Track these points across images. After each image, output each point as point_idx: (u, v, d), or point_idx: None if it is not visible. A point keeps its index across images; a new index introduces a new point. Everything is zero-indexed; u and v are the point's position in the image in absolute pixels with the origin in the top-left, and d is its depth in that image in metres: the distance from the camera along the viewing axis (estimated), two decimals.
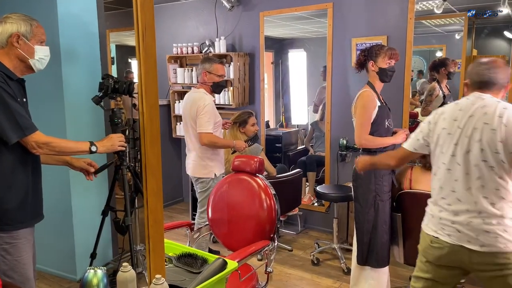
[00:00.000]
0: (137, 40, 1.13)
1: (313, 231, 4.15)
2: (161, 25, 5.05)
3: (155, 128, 1.17)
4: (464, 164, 1.68)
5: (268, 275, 2.12)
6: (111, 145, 2.10)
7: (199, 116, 2.98)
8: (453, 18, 3.88)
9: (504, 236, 1.62)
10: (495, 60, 1.76)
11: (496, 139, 1.61)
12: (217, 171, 3.12)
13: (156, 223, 1.20)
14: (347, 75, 3.77)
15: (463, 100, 1.77)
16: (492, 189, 1.64)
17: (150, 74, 1.14)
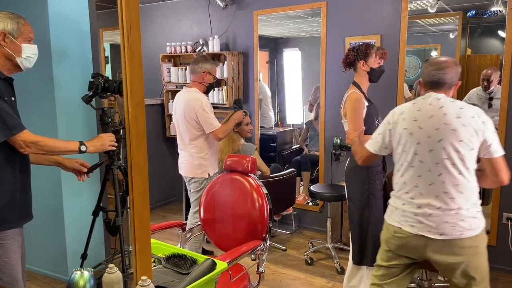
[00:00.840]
0: (122, 38, 1.11)
1: (307, 230, 4.14)
2: (154, 24, 5.02)
3: (140, 127, 1.15)
4: (426, 162, 1.79)
5: (260, 275, 2.11)
6: (101, 144, 2.08)
7: (204, 116, 2.98)
8: (448, 17, 3.88)
9: (461, 224, 1.76)
10: (444, 61, 1.87)
11: (457, 138, 1.73)
12: (211, 171, 3.11)
13: (142, 224, 1.18)
14: (341, 74, 3.75)
15: (419, 100, 1.88)
16: (452, 184, 1.76)
17: (135, 73, 1.12)
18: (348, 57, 2.69)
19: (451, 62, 1.86)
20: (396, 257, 1.95)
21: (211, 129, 3.00)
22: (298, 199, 4.22)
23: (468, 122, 1.73)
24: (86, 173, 2.20)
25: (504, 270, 3.10)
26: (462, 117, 1.74)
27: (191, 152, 3.09)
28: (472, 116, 1.75)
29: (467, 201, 1.77)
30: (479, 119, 1.75)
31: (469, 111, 1.76)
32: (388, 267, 1.98)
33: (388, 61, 3.51)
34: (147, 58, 5.12)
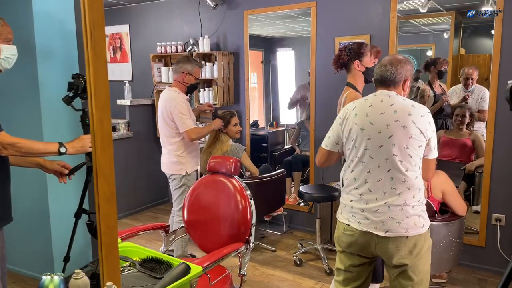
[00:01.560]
0: (85, 38, 1.08)
1: (298, 231, 4.12)
2: (145, 23, 5.00)
3: (106, 130, 1.12)
4: (376, 158, 1.81)
5: (242, 278, 2.09)
6: (82, 146, 2.06)
7: (178, 116, 3.05)
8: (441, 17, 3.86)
9: (406, 222, 1.78)
10: (390, 59, 1.91)
11: (407, 135, 1.76)
12: (189, 168, 3.17)
13: (109, 229, 1.16)
14: (331, 74, 3.73)
15: (371, 96, 1.91)
16: (400, 180, 1.78)
17: (100, 74, 1.09)
18: (340, 57, 2.63)
19: (397, 60, 1.89)
20: (350, 257, 1.95)
21: (184, 128, 3.07)
22: (289, 199, 4.21)
23: (418, 120, 1.76)
24: (67, 175, 2.18)
25: (492, 271, 3.08)
26: (413, 114, 1.77)
27: (169, 150, 3.19)
28: (422, 115, 1.78)
29: (413, 198, 1.80)
30: (427, 119, 1.79)
31: (420, 110, 1.80)
32: (345, 270, 1.99)
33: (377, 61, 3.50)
34: (137, 58, 5.11)
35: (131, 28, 5.13)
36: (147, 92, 4.93)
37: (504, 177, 3.07)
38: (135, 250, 1.71)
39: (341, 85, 3.65)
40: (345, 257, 1.98)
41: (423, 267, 1.85)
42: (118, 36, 5.25)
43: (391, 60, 1.90)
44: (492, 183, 3.11)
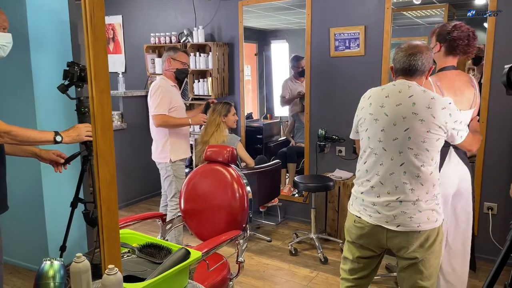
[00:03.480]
0: (85, 22, 1.08)
1: (293, 221, 4.15)
2: (139, 14, 4.96)
3: (106, 114, 1.12)
4: (390, 150, 1.75)
5: (239, 265, 2.11)
6: (77, 135, 2.06)
7: (152, 99, 3.12)
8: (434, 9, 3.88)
9: (418, 216, 1.73)
10: (415, 46, 1.79)
11: (425, 129, 1.69)
12: (173, 157, 3.21)
13: (110, 212, 1.16)
14: (326, 65, 3.76)
15: (389, 86, 1.82)
16: (413, 175, 1.73)
17: (100, 58, 1.09)
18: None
19: (423, 47, 1.79)
20: (359, 249, 1.92)
21: (153, 112, 3.11)
22: (284, 190, 4.23)
23: (438, 114, 1.70)
24: (63, 164, 2.17)
25: (484, 259, 3.14)
26: (432, 108, 1.70)
27: (155, 138, 3.27)
28: (442, 107, 1.71)
29: (427, 194, 1.74)
30: (447, 111, 1.72)
31: (441, 102, 1.72)
32: (353, 260, 1.96)
33: (372, 52, 3.53)
34: (131, 48, 5.08)
35: (124, 19, 5.08)
36: (141, 83, 4.90)
37: (496, 166, 3.11)
38: (133, 236, 1.71)
39: (336, 75, 3.69)
40: (355, 248, 1.95)
41: (434, 261, 1.82)
42: (111, 27, 5.20)
43: (418, 48, 1.78)
44: (484, 172, 3.15)
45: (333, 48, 3.66)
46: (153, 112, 3.11)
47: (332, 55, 3.68)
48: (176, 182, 3.24)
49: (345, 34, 3.59)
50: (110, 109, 1.15)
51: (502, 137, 3.06)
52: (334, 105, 3.74)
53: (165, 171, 3.24)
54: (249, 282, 2.99)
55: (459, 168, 2.13)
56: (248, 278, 3.04)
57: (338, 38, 3.63)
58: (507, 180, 3.07)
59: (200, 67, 4.26)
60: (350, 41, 3.57)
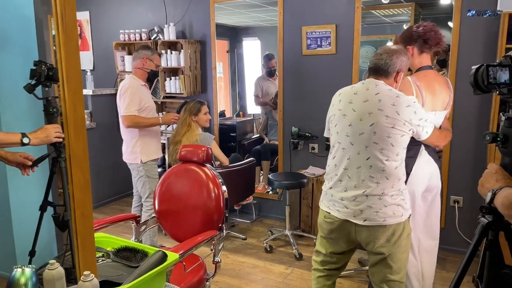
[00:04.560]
0: (56, 22, 1.04)
1: (267, 219, 4.18)
2: (106, 10, 4.82)
3: (79, 116, 1.09)
4: (356, 145, 1.82)
5: (216, 265, 2.10)
6: (46, 136, 1.99)
7: (123, 99, 3.07)
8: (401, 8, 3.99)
9: (384, 211, 1.80)
10: (388, 49, 1.89)
11: (389, 125, 1.76)
12: (144, 157, 3.17)
13: (84, 217, 1.13)
14: (299, 63, 3.79)
15: (358, 84, 1.93)
16: (378, 169, 1.79)
17: (72, 58, 1.06)
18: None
19: (394, 50, 1.88)
20: (332, 244, 1.99)
21: (123, 113, 3.06)
22: (258, 188, 4.24)
23: (402, 111, 1.77)
24: (31, 167, 2.10)
25: (452, 251, 3.26)
26: (397, 105, 1.77)
27: (125, 138, 3.22)
28: (407, 105, 1.78)
29: (392, 188, 1.81)
30: (412, 109, 1.80)
31: (405, 100, 1.80)
32: (326, 255, 2.03)
33: (343, 50, 3.59)
34: (99, 45, 4.94)
35: (91, 15, 4.93)
36: (110, 81, 4.78)
37: (461, 161, 3.24)
38: (107, 240, 1.67)
39: (309, 74, 3.73)
40: (328, 244, 2.01)
41: (402, 255, 1.88)
42: (78, 23, 5.04)
43: (386, 50, 1.88)
44: (451, 167, 3.28)
45: (305, 46, 3.69)
46: (123, 113, 3.06)
47: (304, 53, 3.71)
48: (150, 183, 3.19)
49: (317, 33, 3.63)
50: (83, 111, 1.12)
51: (467, 133, 3.18)
52: (307, 103, 3.78)
53: (137, 172, 3.19)
54: (224, 280, 2.99)
55: (429, 166, 2.21)
56: (223, 277, 3.03)
57: (310, 37, 3.66)
58: (472, 174, 3.21)
59: (171, 65, 4.20)
60: (322, 39, 3.61)
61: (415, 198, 2.21)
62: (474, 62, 3.28)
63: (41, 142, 1.99)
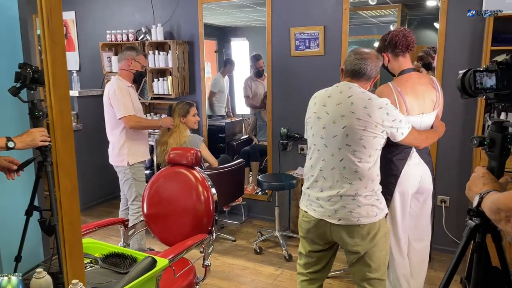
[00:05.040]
0: (41, 26, 1.02)
1: (257, 220, 4.17)
2: (92, 10, 4.76)
3: (66, 122, 1.07)
4: (330, 146, 1.86)
5: (206, 268, 2.09)
6: (31, 140, 1.95)
7: (116, 101, 3.03)
8: (388, 9, 4.02)
9: (358, 211, 1.83)
10: (367, 52, 1.92)
11: (361, 127, 1.79)
12: (131, 160, 3.14)
13: (72, 225, 1.11)
14: (287, 64, 3.79)
15: (333, 87, 1.94)
16: (352, 170, 1.83)
17: (58, 64, 1.04)
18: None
19: (373, 55, 1.91)
20: (310, 243, 2.03)
21: (121, 114, 3.03)
22: (247, 189, 4.24)
23: (374, 113, 1.79)
24: (16, 171, 2.06)
25: (438, 249, 3.30)
26: (369, 107, 1.80)
27: (112, 140, 3.18)
28: (379, 107, 1.81)
29: (366, 188, 1.84)
30: (384, 110, 1.81)
31: (377, 102, 1.82)
32: (306, 255, 2.07)
33: (331, 52, 3.60)
34: (85, 46, 4.87)
35: (77, 15, 4.86)
36: (97, 82, 4.72)
37: (447, 162, 3.28)
38: (95, 246, 1.65)
39: (297, 74, 3.74)
40: (306, 243, 2.06)
41: (380, 253, 1.91)
42: (64, 24, 4.96)
43: (370, 54, 1.90)
44: (437, 167, 3.31)
45: (293, 47, 3.70)
46: (123, 114, 3.02)
47: (293, 54, 3.72)
48: (136, 185, 3.16)
49: (305, 34, 3.63)
50: (70, 117, 1.10)
51: (453, 134, 3.22)
52: (295, 104, 3.78)
53: (124, 174, 3.16)
54: (214, 283, 2.98)
55: (420, 168, 2.23)
56: (213, 279, 3.02)
57: (299, 38, 3.67)
58: (459, 174, 3.25)
59: (159, 66, 4.16)
60: (310, 41, 3.62)
61: (406, 199, 2.23)
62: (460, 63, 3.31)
63: (27, 146, 1.95)
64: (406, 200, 2.23)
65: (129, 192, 3.19)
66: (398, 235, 2.26)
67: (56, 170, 1.08)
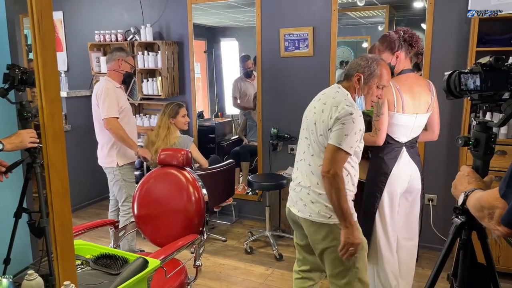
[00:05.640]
0: (32, 29, 1.02)
1: (247, 220, 4.19)
2: (80, 10, 4.73)
3: (57, 124, 1.07)
4: (306, 140, 1.95)
5: (197, 269, 2.10)
6: (20, 142, 1.94)
7: (103, 102, 3.03)
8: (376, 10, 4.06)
9: (310, 206, 1.88)
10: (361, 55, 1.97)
11: (325, 126, 1.82)
12: (120, 161, 3.14)
13: (64, 227, 1.11)
14: (277, 65, 3.81)
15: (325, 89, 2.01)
16: (307, 162, 1.91)
17: (49, 66, 1.04)
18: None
19: (360, 57, 1.94)
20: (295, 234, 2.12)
21: (105, 115, 3.02)
22: (238, 189, 4.25)
23: (333, 113, 1.79)
24: (4, 173, 2.04)
25: (426, 247, 3.36)
26: (334, 108, 1.79)
27: (101, 142, 3.18)
28: (335, 106, 1.80)
29: (318, 185, 1.86)
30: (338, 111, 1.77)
31: (336, 102, 1.80)
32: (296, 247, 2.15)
33: (320, 53, 3.63)
34: (73, 46, 4.83)
35: (65, 15, 4.82)
36: (85, 83, 4.69)
37: (434, 160, 3.34)
38: (86, 247, 1.65)
39: (287, 75, 3.76)
40: (295, 234, 2.16)
41: (334, 262, 1.87)
42: None
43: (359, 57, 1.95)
44: (425, 166, 3.36)
45: (283, 48, 3.72)
46: (106, 115, 3.01)
47: (282, 55, 3.74)
48: (126, 186, 3.15)
49: (295, 35, 3.66)
50: (61, 118, 1.10)
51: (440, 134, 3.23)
52: (285, 104, 3.81)
53: (113, 175, 3.15)
54: (205, 283, 2.99)
55: (409, 167, 2.27)
56: (204, 279, 3.03)
57: (288, 39, 3.69)
58: (446, 173, 3.31)
59: (148, 66, 4.15)
60: (299, 41, 3.65)
61: (395, 199, 2.26)
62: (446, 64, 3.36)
63: (15, 147, 1.94)
64: (394, 199, 2.26)
65: (119, 194, 3.18)
66: (388, 233, 2.29)
67: (47, 171, 1.08)
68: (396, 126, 2.21)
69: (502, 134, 2.87)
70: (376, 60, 1.91)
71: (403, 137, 2.25)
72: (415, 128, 2.26)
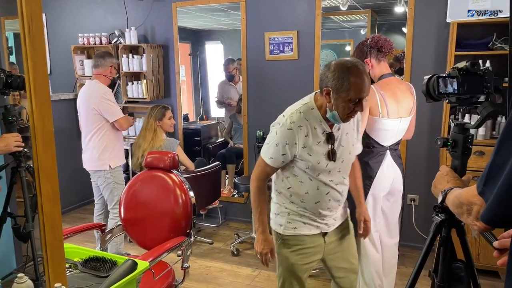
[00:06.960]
0: (22, 33, 1.03)
1: (233, 222, 4.20)
2: (63, 13, 4.68)
3: (47, 128, 1.08)
4: None
5: (185, 271, 2.11)
6: (5, 146, 1.93)
7: (107, 106, 3.07)
8: (358, 14, 4.15)
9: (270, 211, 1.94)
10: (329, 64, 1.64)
11: None
12: (113, 163, 3.16)
13: (54, 229, 1.12)
14: (262, 68, 3.85)
15: None
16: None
17: (40, 70, 1.05)
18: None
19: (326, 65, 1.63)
20: None
21: (115, 117, 3.09)
22: (224, 192, 4.26)
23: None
24: None
25: (409, 246, 3.43)
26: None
27: (92, 145, 3.17)
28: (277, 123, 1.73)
29: (274, 194, 1.92)
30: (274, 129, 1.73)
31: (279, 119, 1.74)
32: None
33: (304, 56, 3.69)
34: (56, 49, 4.78)
35: (47, 18, 4.77)
36: (69, 86, 4.64)
37: (416, 161, 3.42)
38: (74, 251, 1.65)
39: (272, 78, 3.80)
40: None
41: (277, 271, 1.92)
42: None
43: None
44: (407, 167, 3.44)
45: (268, 52, 3.77)
46: (115, 117, 3.09)
47: (267, 58, 3.79)
48: (118, 189, 3.15)
49: (279, 39, 3.71)
50: (52, 122, 1.11)
51: (421, 134, 3.36)
52: (271, 107, 3.84)
53: (104, 179, 3.14)
54: (192, 286, 2.99)
55: (392, 170, 2.33)
56: (191, 282, 3.03)
57: (273, 42, 3.74)
58: (427, 173, 3.40)
59: (133, 69, 4.14)
60: (284, 45, 3.70)
61: (378, 201, 2.32)
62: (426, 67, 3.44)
63: (0, 151, 1.92)
64: (377, 202, 2.32)
65: (110, 196, 3.17)
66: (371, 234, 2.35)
67: (37, 175, 1.09)
68: (381, 131, 2.25)
69: (480, 135, 2.97)
70: (346, 69, 1.54)
71: (387, 141, 2.30)
72: (399, 132, 2.31)
